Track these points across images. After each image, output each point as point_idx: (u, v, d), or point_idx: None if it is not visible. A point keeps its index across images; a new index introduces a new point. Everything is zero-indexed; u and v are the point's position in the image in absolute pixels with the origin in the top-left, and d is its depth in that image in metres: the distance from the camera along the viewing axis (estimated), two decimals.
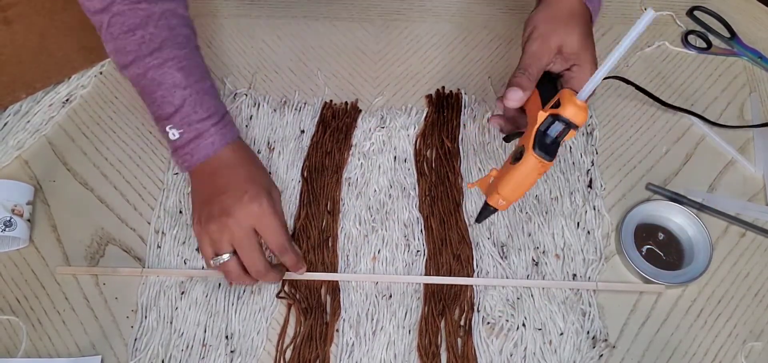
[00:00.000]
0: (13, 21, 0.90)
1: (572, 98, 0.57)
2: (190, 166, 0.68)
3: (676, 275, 0.74)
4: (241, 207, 0.66)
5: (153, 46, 0.66)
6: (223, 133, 0.68)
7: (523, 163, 0.60)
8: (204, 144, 0.67)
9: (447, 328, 0.72)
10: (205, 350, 0.71)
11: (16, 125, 0.86)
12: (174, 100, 0.66)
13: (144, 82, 0.67)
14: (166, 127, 0.67)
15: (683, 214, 0.78)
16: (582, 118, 0.57)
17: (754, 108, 0.88)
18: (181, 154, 0.68)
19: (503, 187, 0.62)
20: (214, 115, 0.68)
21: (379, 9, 0.99)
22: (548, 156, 0.59)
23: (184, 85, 0.67)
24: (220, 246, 0.68)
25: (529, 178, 0.61)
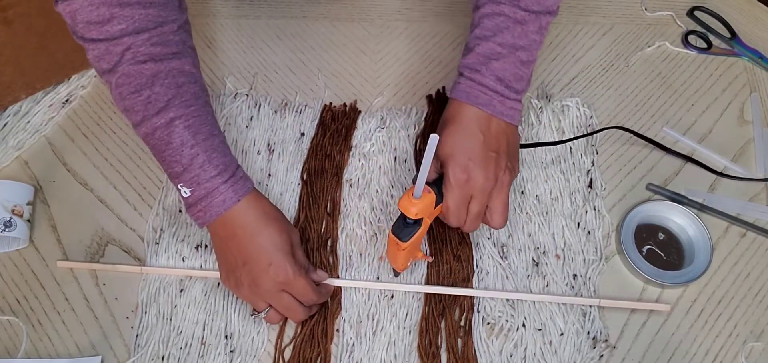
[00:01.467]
0: (13, 21, 0.90)
1: (407, 194, 0.65)
2: (204, 223, 0.68)
3: (676, 275, 0.74)
4: (268, 278, 0.67)
5: (159, 106, 0.65)
6: (235, 189, 0.67)
7: (388, 241, 0.69)
8: (216, 202, 0.66)
9: (447, 328, 0.72)
10: (204, 349, 0.71)
11: (16, 125, 0.86)
12: (182, 159, 0.66)
13: (153, 141, 0.67)
14: (177, 185, 0.67)
15: (684, 215, 0.78)
16: (412, 213, 0.64)
17: (754, 108, 0.88)
18: (194, 212, 0.68)
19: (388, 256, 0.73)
20: (224, 173, 0.67)
21: (379, 9, 0.99)
22: (400, 237, 0.66)
23: (192, 143, 0.66)
24: (257, 306, 0.70)
25: (392, 253, 0.70)
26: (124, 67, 0.65)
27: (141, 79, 0.65)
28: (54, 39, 0.90)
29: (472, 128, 0.68)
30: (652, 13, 0.98)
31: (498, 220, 0.69)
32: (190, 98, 0.67)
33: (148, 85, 0.65)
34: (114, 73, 0.65)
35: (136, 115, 0.66)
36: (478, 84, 0.69)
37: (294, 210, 0.80)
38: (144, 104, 0.65)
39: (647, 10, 0.98)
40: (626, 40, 0.95)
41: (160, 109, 0.65)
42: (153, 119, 0.65)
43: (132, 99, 0.66)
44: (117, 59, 0.65)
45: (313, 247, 0.77)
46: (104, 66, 0.66)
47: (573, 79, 0.91)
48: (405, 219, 0.66)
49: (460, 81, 0.70)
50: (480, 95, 0.68)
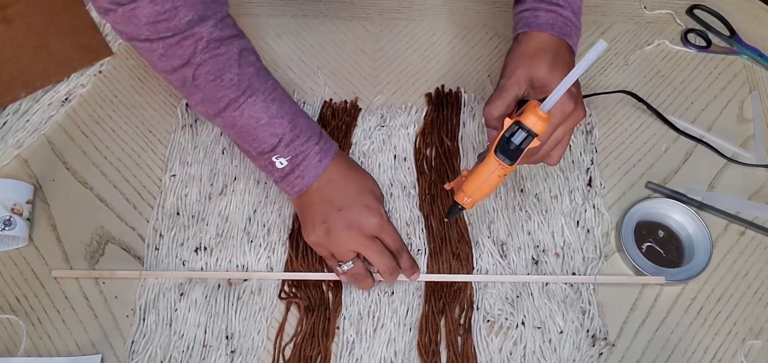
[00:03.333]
0: (12, 20, 0.90)
1: (535, 109, 0.60)
2: (301, 189, 0.69)
3: (676, 272, 0.74)
4: (364, 219, 0.69)
5: (244, 86, 0.67)
6: (326, 150, 0.70)
7: (484, 164, 0.64)
8: (312, 164, 0.69)
9: (447, 326, 0.72)
10: (205, 351, 0.71)
11: (15, 124, 0.85)
12: (276, 130, 0.68)
13: (242, 122, 0.68)
14: (272, 157, 0.68)
15: (683, 212, 0.78)
16: (541, 127, 0.60)
17: (755, 106, 0.88)
18: (290, 180, 0.69)
19: (468, 186, 0.66)
20: (314, 135, 0.69)
21: (378, 7, 0.99)
22: (509, 160, 0.62)
23: (281, 114, 0.68)
24: (345, 256, 0.70)
25: (490, 179, 0.64)
26: (199, 57, 0.65)
27: (219, 65, 0.65)
28: (53, 38, 0.91)
29: (567, 59, 0.69)
30: (652, 11, 0.98)
31: (559, 156, 0.69)
32: (264, 71, 0.69)
33: (228, 69, 0.66)
34: (190, 66, 0.65)
35: (220, 101, 0.67)
36: (560, 16, 0.70)
37: (292, 207, 0.80)
38: (227, 88, 0.66)
39: (646, 9, 0.98)
40: (625, 38, 0.95)
41: (245, 88, 0.67)
42: (241, 100, 0.66)
43: (213, 87, 0.66)
44: (191, 50, 0.65)
45: None
46: (176, 62, 0.65)
47: None
48: (511, 138, 0.61)
49: (538, 14, 0.71)
50: (564, 27, 0.70)
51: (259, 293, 0.74)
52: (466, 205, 0.68)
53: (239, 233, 0.78)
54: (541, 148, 0.67)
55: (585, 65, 0.55)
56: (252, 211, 0.80)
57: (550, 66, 0.68)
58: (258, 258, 0.76)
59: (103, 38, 0.93)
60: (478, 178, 0.65)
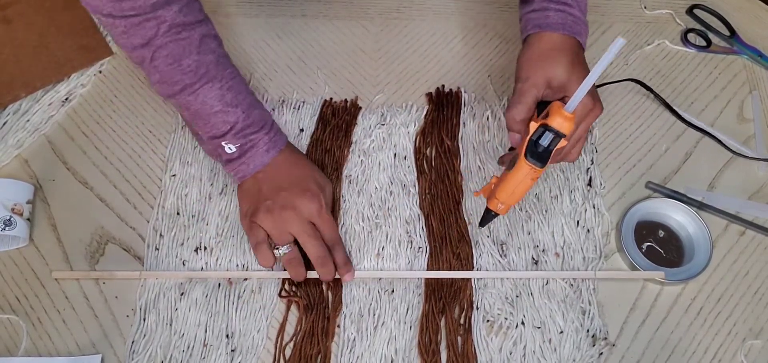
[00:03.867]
0: (12, 20, 0.90)
1: (560, 110, 0.61)
2: (245, 175, 0.73)
3: (676, 272, 0.74)
4: (302, 202, 0.71)
5: (201, 72, 0.68)
6: (275, 141, 0.73)
7: (516, 169, 0.65)
8: (259, 153, 0.72)
9: (447, 325, 0.72)
10: (205, 350, 0.71)
11: (15, 124, 0.85)
12: (228, 118, 0.70)
13: (195, 106, 0.70)
14: (222, 142, 0.71)
15: (683, 212, 0.78)
16: (568, 128, 0.61)
17: (755, 106, 0.88)
18: (236, 165, 0.72)
19: (501, 192, 0.67)
20: (265, 126, 0.72)
21: (378, 7, 0.99)
22: (539, 163, 0.63)
23: (236, 102, 0.70)
24: (281, 238, 0.72)
25: (523, 184, 0.65)
26: (159, 40, 0.66)
27: (178, 49, 0.67)
28: (53, 38, 0.91)
29: (581, 58, 0.70)
30: (652, 11, 0.98)
31: (579, 153, 0.71)
32: (224, 60, 0.71)
33: (187, 54, 0.67)
34: (149, 47, 0.66)
35: (176, 85, 0.68)
36: (569, 15, 0.71)
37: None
38: (185, 72, 0.68)
39: (646, 9, 0.98)
40: (625, 38, 0.95)
41: (201, 75, 0.68)
42: (195, 85, 0.68)
43: (171, 70, 0.67)
44: (152, 32, 0.65)
45: None
46: (136, 41, 0.66)
47: None
48: (538, 140, 0.62)
49: (548, 14, 0.71)
50: (574, 25, 0.71)
51: (259, 292, 0.74)
52: (500, 211, 0.69)
53: (239, 232, 0.78)
54: (564, 147, 0.67)
55: (605, 63, 0.56)
56: None
57: (568, 66, 0.68)
58: None
59: (103, 38, 0.93)
60: (510, 183, 0.66)
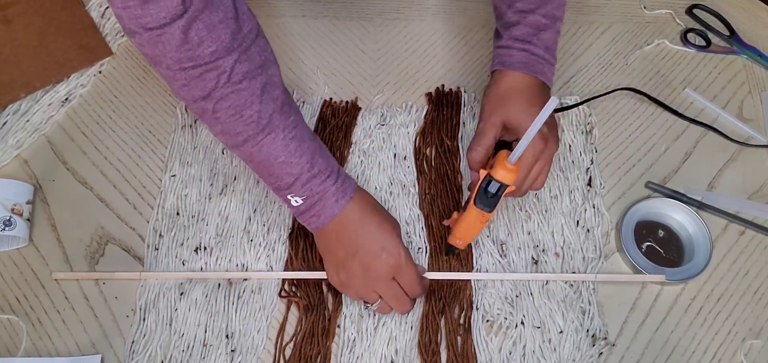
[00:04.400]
0: (12, 20, 0.90)
1: (503, 162, 0.64)
2: (318, 227, 0.69)
3: (676, 272, 0.74)
4: (381, 262, 0.68)
5: (263, 123, 0.65)
6: (344, 190, 0.68)
7: (467, 213, 0.68)
8: (328, 205, 0.67)
9: (447, 325, 0.72)
10: (205, 350, 0.71)
11: (15, 124, 0.85)
12: (292, 170, 0.66)
13: (260, 158, 0.66)
14: (287, 195, 0.68)
15: (683, 211, 0.78)
16: (511, 178, 0.64)
17: (765, 106, 0.87)
18: (306, 218, 0.69)
19: (457, 231, 0.71)
20: (332, 175, 0.68)
21: (378, 7, 0.99)
22: (488, 208, 0.65)
23: (300, 152, 0.66)
24: (368, 297, 0.70)
25: (474, 226, 0.69)
26: (220, 91, 0.62)
27: (240, 100, 0.63)
28: (53, 38, 0.91)
29: (537, 97, 0.71)
30: (651, 11, 0.98)
31: (543, 182, 0.71)
32: (287, 107, 0.67)
33: (248, 105, 0.64)
34: (210, 99, 0.63)
35: (239, 136, 0.65)
36: (532, 55, 0.72)
37: None
38: (247, 124, 0.64)
39: (646, 9, 0.98)
40: (625, 38, 0.95)
41: (264, 126, 0.65)
42: (258, 137, 0.65)
43: (233, 121, 0.64)
44: (212, 84, 0.62)
45: (312, 242, 0.77)
46: (197, 93, 0.63)
47: (572, 78, 0.91)
48: (487, 188, 0.65)
49: (511, 52, 0.72)
50: (536, 65, 0.72)
51: (259, 292, 0.74)
52: (459, 247, 0.73)
53: (239, 233, 0.78)
54: (522, 186, 0.69)
55: (538, 124, 0.58)
56: (252, 211, 0.80)
57: (523, 108, 0.70)
58: (258, 257, 0.77)
59: (102, 38, 0.93)
60: (463, 224, 0.69)
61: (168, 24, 0.57)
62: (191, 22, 0.58)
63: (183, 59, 0.60)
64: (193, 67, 0.61)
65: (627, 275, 0.75)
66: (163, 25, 0.57)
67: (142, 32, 0.58)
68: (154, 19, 0.57)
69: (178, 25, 0.58)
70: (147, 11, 0.57)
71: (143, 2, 0.56)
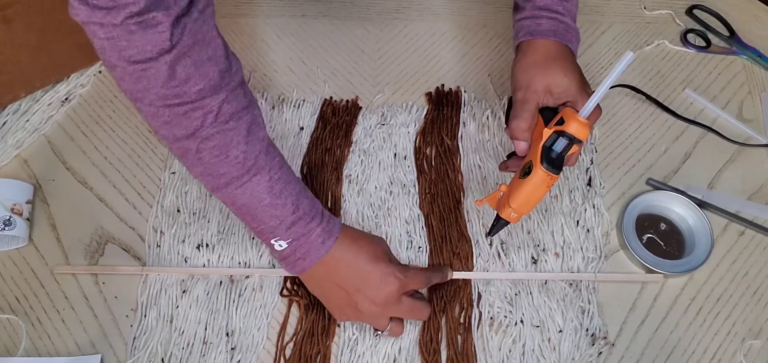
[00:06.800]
0: (12, 20, 0.90)
1: (575, 115, 0.62)
2: (303, 269, 0.67)
3: (676, 264, 0.74)
4: (386, 291, 0.66)
5: (249, 164, 0.62)
6: (330, 230, 0.66)
7: (532, 177, 0.64)
8: (315, 247, 0.66)
9: (447, 324, 0.72)
10: (206, 348, 0.71)
11: (15, 124, 0.85)
12: (277, 212, 0.64)
13: (243, 200, 0.64)
14: (271, 240, 0.65)
15: (684, 204, 0.78)
16: (585, 134, 0.62)
17: (765, 106, 0.88)
18: (291, 261, 0.67)
19: (514, 200, 0.65)
20: (316, 216, 0.66)
21: (378, 7, 0.99)
22: (555, 169, 0.63)
23: (285, 194, 0.64)
24: (382, 325, 0.69)
25: (538, 191, 0.64)
26: (206, 131, 0.60)
27: (225, 140, 0.61)
28: (53, 38, 0.90)
29: (575, 63, 0.71)
30: (651, 11, 0.98)
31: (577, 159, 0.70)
32: (272, 148, 0.65)
33: (234, 146, 0.61)
34: (194, 139, 0.60)
35: (222, 177, 0.63)
36: (560, 22, 0.71)
37: None
38: (231, 166, 0.62)
39: (646, 9, 0.98)
40: (625, 38, 0.95)
41: (250, 167, 0.62)
42: (244, 178, 0.62)
43: (217, 162, 0.62)
44: (198, 123, 0.60)
45: None
46: (180, 132, 0.60)
47: None
48: (552, 147, 0.63)
49: (540, 22, 0.71)
50: (565, 33, 0.71)
51: (261, 290, 0.74)
52: (512, 220, 0.68)
53: (241, 230, 0.78)
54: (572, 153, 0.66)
55: (618, 71, 0.57)
56: None
57: (566, 72, 0.68)
58: (260, 254, 0.77)
59: None
60: (525, 191, 0.64)
61: (154, 59, 0.55)
62: (179, 59, 0.56)
63: (168, 96, 0.58)
64: (179, 105, 0.58)
65: (627, 274, 0.75)
66: (149, 59, 0.55)
67: (125, 66, 0.56)
68: (139, 52, 0.55)
69: (165, 60, 0.56)
70: (133, 44, 0.55)
71: (129, 34, 0.54)
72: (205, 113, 0.60)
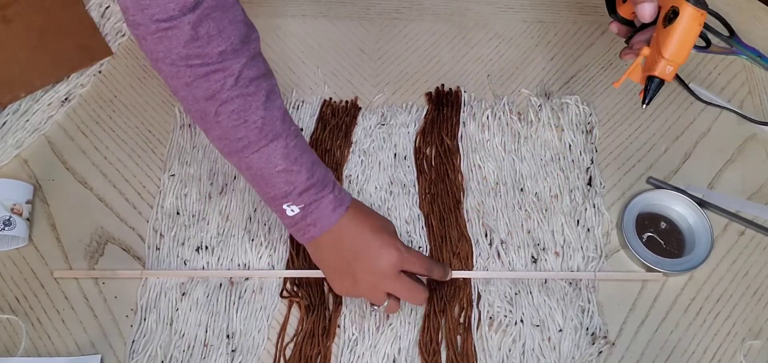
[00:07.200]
0: (12, 20, 0.90)
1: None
2: (312, 237, 0.67)
3: (676, 263, 0.74)
4: (384, 261, 0.66)
5: (266, 130, 0.63)
6: (341, 199, 0.67)
7: (681, 18, 0.60)
8: (325, 214, 0.65)
9: (447, 324, 0.72)
10: (206, 350, 0.71)
11: (15, 124, 0.85)
12: (292, 177, 0.64)
13: (259, 165, 0.64)
14: (283, 205, 0.65)
15: (684, 203, 0.78)
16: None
17: None
18: (301, 227, 0.66)
19: (667, 50, 0.62)
20: (329, 184, 0.66)
21: (378, 8, 0.99)
22: (702, 4, 0.59)
23: (301, 161, 0.64)
24: (378, 299, 0.68)
25: (691, 31, 0.61)
26: (226, 93, 0.60)
27: (245, 104, 0.61)
28: (53, 37, 0.90)
29: None
30: None
31: None
32: (287, 117, 0.66)
33: (254, 111, 0.62)
34: (214, 101, 0.61)
35: (239, 142, 0.63)
36: None
37: None
38: (250, 130, 0.62)
39: None
40: None
41: (267, 133, 0.63)
42: (261, 143, 0.63)
43: (236, 127, 0.62)
44: (219, 85, 0.60)
45: None
46: (200, 93, 0.60)
47: (572, 78, 0.91)
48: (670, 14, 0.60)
49: None
50: None
51: (261, 292, 0.74)
52: (668, 76, 0.64)
53: (240, 232, 0.78)
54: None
55: None
56: (252, 210, 0.80)
57: None
58: (259, 256, 0.77)
59: (102, 38, 0.93)
60: (677, 35, 0.61)
61: (177, 17, 0.56)
62: (202, 19, 0.57)
63: (190, 56, 0.58)
64: (200, 66, 0.59)
65: (627, 272, 0.75)
66: (172, 18, 0.56)
67: (148, 24, 0.57)
68: (162, 11, 0.56)
69: (188, 20, 0.56)
70: (155, 1, 0.55)
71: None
72: (226, 76, 0.60)
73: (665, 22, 0.62)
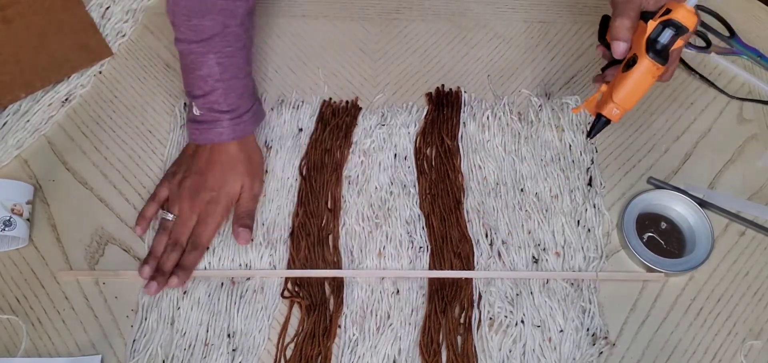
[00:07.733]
0: (12, 20, 0.90)
1: (681, 4, 0.61)
2: (197, 141, 0.77)
3: (676, 263, 0.74)
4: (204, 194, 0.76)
5: (202, 36, 0.73)
6: (235, 129, 0.76)
7: (637, 67, 0.63)
8: (216, 131, 0.76)
9: (447, 325, 0.72)
10: (207, 349, 0.71)
11: (15, 124, 0.85)
12: (205, 86, 0.75)
13: (185, 61, 0.76)
14: (192, 101, 0.76)
15: (684, 203, 0.78)
16: (692, 22, 0.60)
17: None
18: (193, 128, 0.77)
19: (617, 94, 0.64)
20: (233, 112, 0.76)
21: (378, 8, 0.99)
22: (661, 60, 0.61)
23: (218, 77, 0.74)
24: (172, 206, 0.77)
25: (643, 82, 0.63)
26: None
27: (197, 6, 0.72)
28: (53, 38, 0.90)
29: None
30: None
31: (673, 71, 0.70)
32: (231, 39, 0.75)
33: (199, 15, 0.73)
34: None
35: (180, 33, 0.75)
36: None
37: (291, 205, 0.80)
38: (189, 29, 0.73)
39: None
40: None
41: (201, 39, 0.73)
42: (192, 45, 0.74)
43: (182, 20, 0.73)
44: None
45: (315, 242, 0.77)
46: None
47: (572, 78, 0.91)
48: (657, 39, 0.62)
49: None
50: None
51: (262, 292, 0.74)
52: (614, 118, 0.66)
53: None
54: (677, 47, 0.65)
55: None
56: None
57: None
58: (260, 256, 0.77)
59: (102, 38, 0.93)
60: (629, 83, 0.63)
61: None
62: None
63: None
64: None
65: (628, 273, 0.75)
66: None
67: None
68: None
69: None
70: None
71: None
72: None
73: (625, 66, 0.65)
